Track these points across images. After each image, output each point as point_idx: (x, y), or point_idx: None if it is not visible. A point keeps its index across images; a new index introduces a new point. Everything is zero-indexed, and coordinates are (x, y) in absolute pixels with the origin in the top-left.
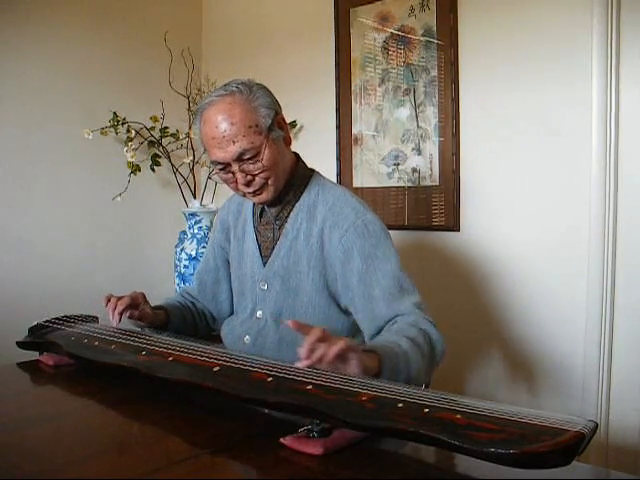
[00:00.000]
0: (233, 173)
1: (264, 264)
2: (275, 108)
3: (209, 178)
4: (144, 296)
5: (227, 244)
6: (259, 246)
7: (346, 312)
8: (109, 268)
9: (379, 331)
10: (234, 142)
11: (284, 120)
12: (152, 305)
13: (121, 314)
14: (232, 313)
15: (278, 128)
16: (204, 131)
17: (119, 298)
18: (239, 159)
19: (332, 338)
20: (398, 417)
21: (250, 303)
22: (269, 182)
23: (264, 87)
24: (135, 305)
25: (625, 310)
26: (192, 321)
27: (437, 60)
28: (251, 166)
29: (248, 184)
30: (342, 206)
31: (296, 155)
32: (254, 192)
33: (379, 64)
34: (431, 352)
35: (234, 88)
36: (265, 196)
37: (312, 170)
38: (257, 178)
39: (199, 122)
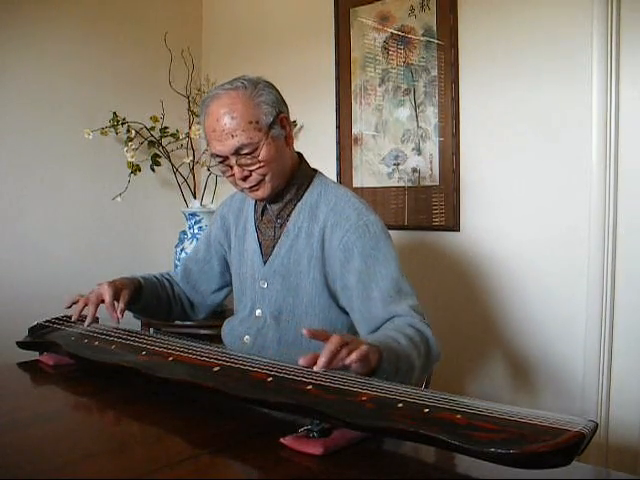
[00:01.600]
0: (231, 167)
1: (264, 262)
2: (279, 106)
3: (208, 169)
4: (110, 285)
5: (225, 242)
6: (260, 244)
7: (346, 312)
8: (109, 268)
9: (375, 332)
10: (233, 136)
11: (287, 120)
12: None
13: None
14: (213, 305)
15: (280, 126)
16: (207, 123)
17: (96, 300)
18: (237, 153)
19: (352, 341)
20: (398, 417)
21: (249, 301)
22: (266, 179)
23: (271, 85)
24: (117, 294)
25: (625, 310)
26: (167, 300)
27: (437, 60)
28: (248, 161)
29: (245, 179)
30: (344, 206)
31: (299, 155)
32: (250, 188)
33: (379, 64)
34: (427, 352)
35: (239, 84)
36: (261, 192)
37: (315, 170)
38: (254, 174)
39: (203, 114)
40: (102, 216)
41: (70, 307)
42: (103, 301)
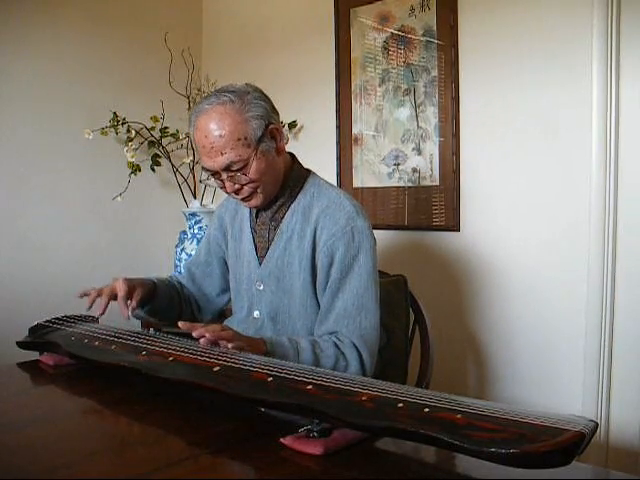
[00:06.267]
0: (222, 181)
1: (260, 264)
2: (268, 118)
3: (200, 182)
4: (125, 282)
5: (224, 243)
6: (255, 246)
7: None
8: (109, 268)
9: (320, 335)
10: (222, 153)
11: (277, 129)
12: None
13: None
14: (218, 308)
15: (270, 139)
16: (196, 137)
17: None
18: (227, 169)
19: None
20: (398, 417)
21: (247, 303)
22: (258, 190)
23: (260, 94)
24: (130, 292)
25: (625, 310)
26: (178, 301)
27: (437, 60)
28: (239, 176)
29: (237, 192)
30: (335, 209)
31: (292, 156)
32: (243, 199)
33: (379, 64)
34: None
35: (226, 98)
36: (254, 202)
37: (308, 171)
38: (245, 187)
39: (192, 127)
40: (102, 216)
41: (82, 297)
42: (116, 296)
